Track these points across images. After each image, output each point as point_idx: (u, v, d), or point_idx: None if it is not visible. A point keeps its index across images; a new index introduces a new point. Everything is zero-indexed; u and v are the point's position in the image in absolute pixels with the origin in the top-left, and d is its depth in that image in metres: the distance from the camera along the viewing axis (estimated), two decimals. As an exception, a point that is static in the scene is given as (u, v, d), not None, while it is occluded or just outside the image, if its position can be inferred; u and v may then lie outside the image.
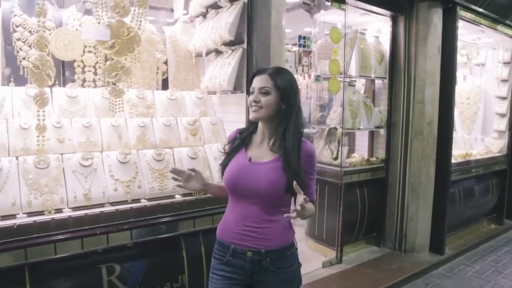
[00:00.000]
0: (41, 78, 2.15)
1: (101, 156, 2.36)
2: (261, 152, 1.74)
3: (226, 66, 2.74)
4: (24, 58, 2.56)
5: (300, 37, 3.49)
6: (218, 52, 2.92)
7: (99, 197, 2.25)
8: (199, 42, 2.99)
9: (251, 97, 1.72)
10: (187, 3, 3.28)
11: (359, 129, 4.23)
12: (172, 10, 3.44)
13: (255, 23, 2.68)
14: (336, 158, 3.99)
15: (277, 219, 1.69)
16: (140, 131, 2.62)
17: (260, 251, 1.67)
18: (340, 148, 4.02)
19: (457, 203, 4.73)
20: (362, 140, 4.73)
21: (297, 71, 3.57)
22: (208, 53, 2.96)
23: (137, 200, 2.39)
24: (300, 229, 4.96)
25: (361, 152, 4.67)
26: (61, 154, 2.28)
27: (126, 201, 2.34)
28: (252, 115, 1.72)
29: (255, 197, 1.67)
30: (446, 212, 4.29)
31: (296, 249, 1.81)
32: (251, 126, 1.83)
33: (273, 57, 2.77)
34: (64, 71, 2.71)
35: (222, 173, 1.80)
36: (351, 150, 4.78)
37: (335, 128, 3.97)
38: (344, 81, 3.97)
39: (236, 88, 2.72)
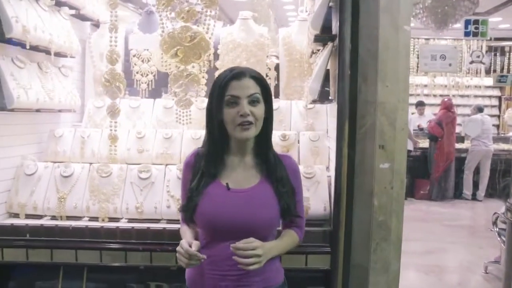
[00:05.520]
0: (111, 90, 2.24)
1: (164, 169, 2.27)
2: (241, 175, 1.47)
3: (315, 69, 2.19)
4: (137, 72, 2.76)
5: (467, 22, 2.46)
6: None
7: (150, 212, 2.17)
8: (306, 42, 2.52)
9: (238, 110, 1.38)
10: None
11: None
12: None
13: (349, 9, 2.03)
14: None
15: None
16: (220, 145, 2.39)
17: None
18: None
19: None
20: None
21: (460, 70, 2.53)
22: (311, 54, 2.45)
23: (192, 221, 2.18)
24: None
25: None
26: (127, 164, 2.32)
27: (179, 220, 2.17)
28: (243, 134, 1.41)
29: (244, 233, 1.36)
30: None
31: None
32: (217, 146, 1.45)
33: (383, 52, 2.04)
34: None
35: (190, 215, 1.48)
36: None
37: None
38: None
39: (322, 96, 2.13)
